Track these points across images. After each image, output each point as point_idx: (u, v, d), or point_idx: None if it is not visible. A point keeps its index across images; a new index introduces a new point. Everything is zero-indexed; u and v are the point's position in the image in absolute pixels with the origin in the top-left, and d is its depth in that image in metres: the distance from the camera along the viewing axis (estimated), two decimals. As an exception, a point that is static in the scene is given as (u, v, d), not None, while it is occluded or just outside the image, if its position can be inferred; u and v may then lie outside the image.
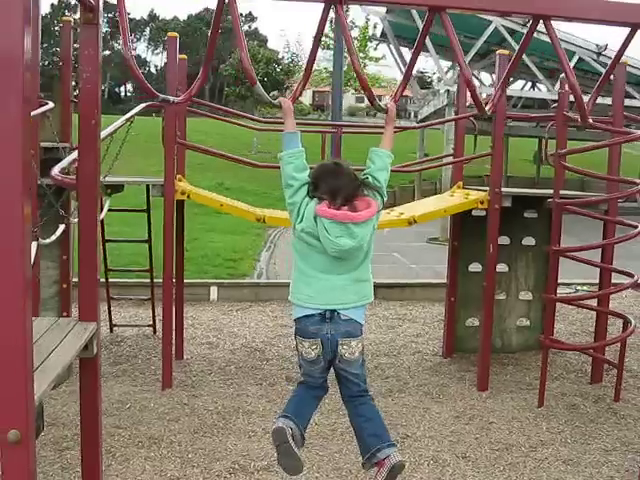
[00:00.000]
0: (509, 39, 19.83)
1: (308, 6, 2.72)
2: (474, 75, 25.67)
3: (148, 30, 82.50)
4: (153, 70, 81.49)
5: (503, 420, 5.29)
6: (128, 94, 77.08)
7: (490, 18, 18.65)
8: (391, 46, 25.44)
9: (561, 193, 5.75)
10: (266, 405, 5.51)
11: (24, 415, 1.98)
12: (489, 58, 22.29)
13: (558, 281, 5.83)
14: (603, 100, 6.43)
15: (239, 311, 8.79)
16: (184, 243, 6.81)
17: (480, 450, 4.73)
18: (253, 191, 23.57)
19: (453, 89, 18.14)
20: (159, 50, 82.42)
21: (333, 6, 2.66)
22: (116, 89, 77.39)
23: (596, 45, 19.65)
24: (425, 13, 2.69)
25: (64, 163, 3.82)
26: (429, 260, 13.04)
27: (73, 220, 4.74)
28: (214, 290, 9.27)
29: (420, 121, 23.70)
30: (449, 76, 21.96)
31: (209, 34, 2.69)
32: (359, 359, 3.47)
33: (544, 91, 22.25)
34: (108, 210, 5.59)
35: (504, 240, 6.88)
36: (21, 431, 1.97)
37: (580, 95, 2.96)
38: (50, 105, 5.15)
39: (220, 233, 16.05)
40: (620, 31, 2.98)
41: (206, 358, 6.77)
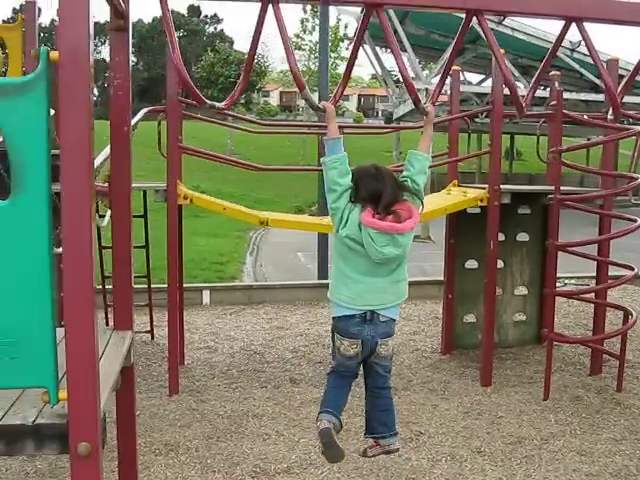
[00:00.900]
0: (484, 36, 19.95)
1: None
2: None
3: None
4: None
5: (512, 414, 5.36)
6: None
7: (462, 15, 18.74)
8: (366, 46, 25.55)
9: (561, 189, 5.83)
10: (275, 408, 5.52)
11: (94, 428, 1.97)
12: (463, 56, 22.49)
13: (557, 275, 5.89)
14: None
15: (233, 314, 8.77)
16: (182, 248, 6.78)
17: (494, 444, 4.79)
18: (230, 194, 23.52)
19: (431, 88, 18.30)
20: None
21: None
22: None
23: (570, 42, 19.93)
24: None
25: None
26: (415, 258, 13.08)
27: (102, 224, 4.74)
28: (206, 294, 9.24)
29: (396, 120, 23.80)
30: (425, 74, 22.12)
31: (250, 43, 2.66)
32: (392, 354, 3.64)
33: (521, 88, 22.48)
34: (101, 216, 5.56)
35: (499, 237, 6.95)
36: (91, 444, 1.96)
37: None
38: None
39: (202, 236, 16.01)
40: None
41: (207, 363, 6.75)
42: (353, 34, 26.56)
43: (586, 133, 22.66)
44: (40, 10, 7.21)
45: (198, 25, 77.97)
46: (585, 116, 6.06)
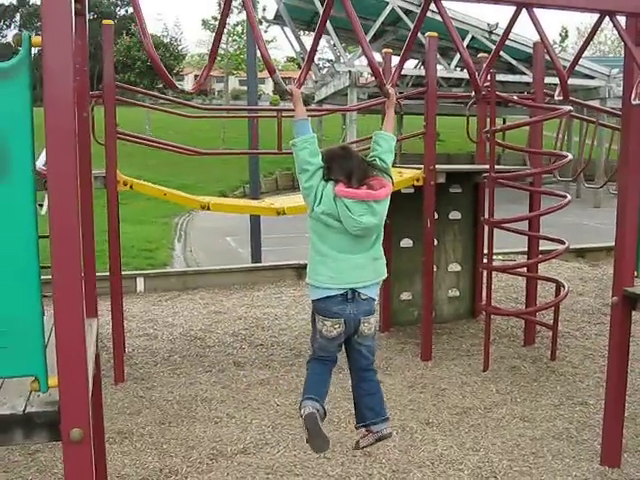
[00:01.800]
0: (405, 18, 20.30)
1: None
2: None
3: (18, 16, 78.60)
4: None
5: (454, 386, 5.56)
6: None
7: (386, -1, 19.06)
8: (286, 28, 25.46)
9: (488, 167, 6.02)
10: (222, 391, 5.54)
11: (85, 413, 1.97)
12: (384, 39, 22.75)
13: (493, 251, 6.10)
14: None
15: (169, 301, 8.70)
16: (119, 235, 6.66)
17: (441, 415, 4.96)
18: (151, 180, 22.89)
19: (354, 70, 18.48)
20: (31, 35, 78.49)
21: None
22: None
23: (488, 24, 20.44)
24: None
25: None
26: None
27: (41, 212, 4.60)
28: (140, 281, 9.12)
29: (318, 102, 23.87)
30: (349, 57, 22.25)
31: (214, 33, 2.67)
32: (374, 332, 3.64)
33: (439, 69, 22.91)
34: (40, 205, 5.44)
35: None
36: (83, 429, 1.97)
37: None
38: None
39: (128, 223, 15.67)
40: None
41: (148, 350, 6.69)
42: (273, 16, 26.50)
43: (503, 113, 23.36)
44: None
45: (109, 7, 75.71)
46: (515, 97, 6.28)
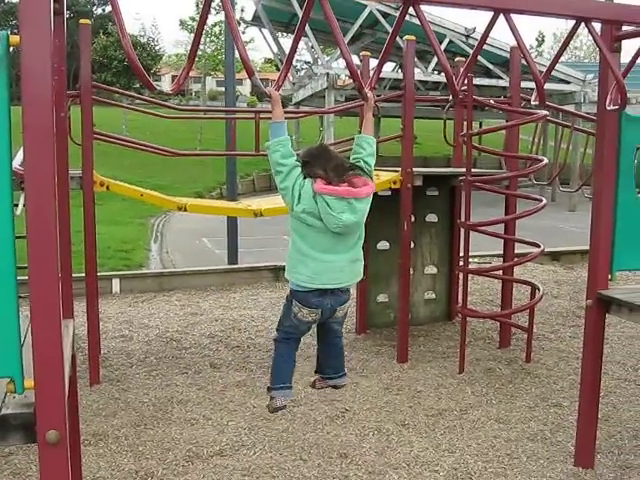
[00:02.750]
0: (383, 21, 20.37)
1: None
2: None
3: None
4: None
5: (430, 388, 5.59)
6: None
7: (365, 2, 19.07)
8: (265, 30, 25.42)
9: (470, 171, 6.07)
10: (198, 393, 5.52)
11: (61, 415, 1.96)
12: (361, 41, 22.81)
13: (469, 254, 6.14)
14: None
15: (145, 302, 8.64)
16: (95, 236, 6.62)
17: (417, 417, 4.99)
18: (127, 180, 22.69)
19: (332, 72, 18.51)
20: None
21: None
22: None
23: (465, 28, 20.59)
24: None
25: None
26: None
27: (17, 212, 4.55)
28: (116, 282, 9.05)
29: (295, 104, 23.87)
30: (327, 59, 22.26)
31: (193, 34, 2.66)
32: (347, 311, 3.82)
33: (417, 72, 23.04)
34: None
35: (410, 218, 7.17)
36: (59, 431, 1.95)
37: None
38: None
39: (102, 224, 15.55)
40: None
41: (123, 351, 6.65)
42: (251, 18, 26.42)
43: (479, 117, 23.53)
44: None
45: (86, 6, 75.09)
46: (491, 101, 6.33)
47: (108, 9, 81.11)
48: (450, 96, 6.31)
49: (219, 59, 36.34)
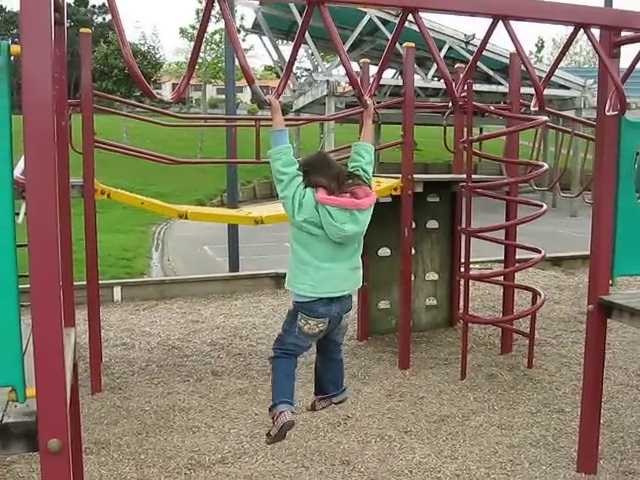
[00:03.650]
0: (382, 28, 20.43)
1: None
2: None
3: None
4: None
5: (432, 394, 5.58)
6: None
7: (364, 9, 19.12)
8: (265, 38, 25.49)
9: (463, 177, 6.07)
10: (200, 400, 5.52)
11: (63, 423, 1.96)
12: (361, 48, 22.86)
13: (470, 260, 6.14)
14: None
15: (146, 310, 8.65)
16: (96, 244, 6.63)
17: (419, 424, 4.98)
18: (128, 188, 22.75)
19: (332, 79, 18.54)
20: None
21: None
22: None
23: (464, 34, 20.66)
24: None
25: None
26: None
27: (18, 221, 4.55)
28: (117, 290, 9.05)
29: (295, 112, 23.92)
30: (327, 66, 22.32)
31: (194, 42, 2.67)
32: (350, 320, 3.86)
33: (417, 79, 23.10)
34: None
35: (411, 224, 7.18)
36: (61, 440, 1.95)
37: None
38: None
39: (103, 232, 15.58)
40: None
41: (125, 359, 6.65)
42: (251, 25, 26.50)
43: (479, 123, 23.57)
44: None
45: (86, 15, 75.35)
46: (491, 107, 6.35)
47: (108, 18, 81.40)
48: (450, 102, 6.31)
49: (219, 67, 36.41)
